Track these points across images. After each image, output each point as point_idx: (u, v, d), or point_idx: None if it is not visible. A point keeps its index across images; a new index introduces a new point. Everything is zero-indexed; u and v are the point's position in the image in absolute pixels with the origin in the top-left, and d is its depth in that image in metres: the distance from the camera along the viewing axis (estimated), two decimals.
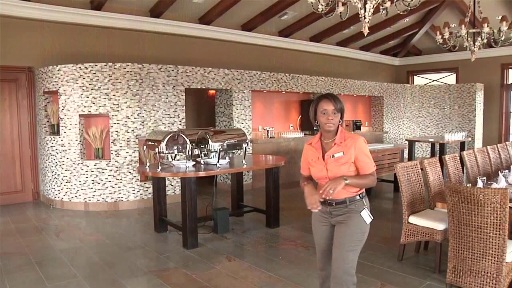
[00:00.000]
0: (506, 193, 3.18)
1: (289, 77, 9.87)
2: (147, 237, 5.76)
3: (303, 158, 3.07)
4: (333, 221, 2.95)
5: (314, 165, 2.93)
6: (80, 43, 7.99)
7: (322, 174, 2.89)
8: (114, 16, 8.21)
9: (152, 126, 7.53)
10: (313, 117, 2.90)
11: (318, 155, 2.91)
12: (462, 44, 7.35)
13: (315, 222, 3.06)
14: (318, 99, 2.86)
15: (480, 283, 3.39)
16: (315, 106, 2.86)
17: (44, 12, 7.54)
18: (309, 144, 2.99)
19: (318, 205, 2.77)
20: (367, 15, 4.50)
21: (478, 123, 12.42)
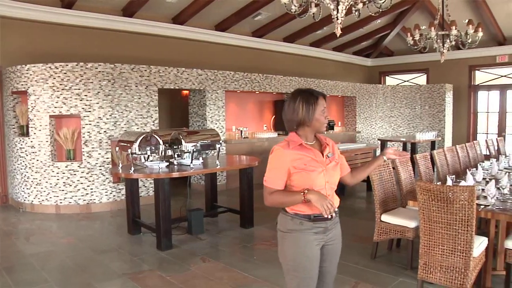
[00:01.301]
0: (473, 191, 3.28)
1: (262, 78, 9.91)
2: (121, 240, 5.69)
3: (279, 165, 2.44)
4: (327, 239, 2.51)
5: (311, 169, 2.41)
6: (50, 42, 7.83)
7: (321, 180, 2.44)
8: (86, 14, 8.07)
9: (124, 127, 7.44)
10: (309, 118, 2.45)
11: (312, 156, 2.44)
12: (432, 46, 7.52)
13: (307, 246, 2.44)
14: (313, 96, 2.46)
15: (449, 278, 3.48)
16: (314, 104, 2.45)
17: (11, 9, 7.36)
18: (296, 147, 2.44)
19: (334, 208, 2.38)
20: (340, 16, 4.55)
21: (447, 123, 12.73)
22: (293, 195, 2.40)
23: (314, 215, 2.42)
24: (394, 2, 5.47)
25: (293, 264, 2.45)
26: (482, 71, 13.16)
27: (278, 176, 2.44)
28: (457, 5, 10.04)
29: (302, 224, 2.43)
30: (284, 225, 2.49)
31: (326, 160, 2.49)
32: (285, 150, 2.44)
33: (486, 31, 10.67)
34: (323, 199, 2.31)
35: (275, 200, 2.44)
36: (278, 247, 2.54)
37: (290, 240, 2.45)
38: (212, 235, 5.86)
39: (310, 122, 2.46)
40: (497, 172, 5.27)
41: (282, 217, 2.52)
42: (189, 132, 6.01)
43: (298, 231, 2.43)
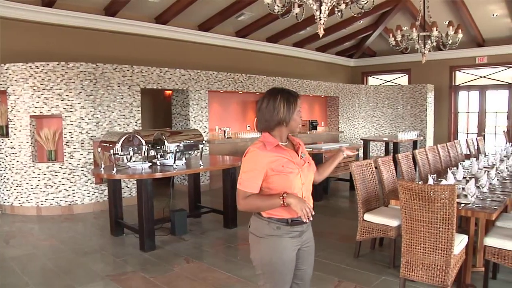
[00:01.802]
0: (454, 190, 3.33)
1: (246, 78, 9.91)
2: (104, 241, 5.64)
3: (256, 167, 2.32)
4: (302, 242, 2.47)
5: (288, 171, 2.34)
6: (30, 41, 7.71)
7: (297, 182, 2.38)
8: (67, 13, 7.96)
9: (107, 127, 7.37)
10: (288, 118, 2.38)
11: (288, 157, 2.37)
12: (413, 47, 7.62)
13: (284, 250, 2.37)
14: (293, 96, 2.40)
15: (431, 275, 3.53)
16: (294, 104, 2.39)
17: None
18: (273, 148, 2.35)
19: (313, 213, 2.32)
20: (323, 16, 4.58)
21: (429, 123, 12.90)
22: (271, 199, 2.30)
23: (292, 219, 2.36)
24: (376, 3, 5.53)
25: (269, 269, 2.38)
26: (462, 71, 13.38)
27: (254, 179, 2.32)
28: (438, 6, 10.19)
29: (279, 229, 2.35)
30: (259, 230, 2.40)
31: (301, 161, 2.44)
32: (262, 151, 2.33)
33: (466, 33, 10.84)
34: (302, 203, 2.26)
35: (251, 205, 2.33)
36: (251, 250, 2.46)
37: (267, 245, 2.37)
38: (196, 235, 5.84)
39: (288, 122, 2.39)
40: (477, 171, 5.35)
41: (256, 221, 2.42)
42: (172, 132, 5.98)
43: (275, 236, 2.36)
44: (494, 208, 3.70)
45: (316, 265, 2.66)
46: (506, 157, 6.69)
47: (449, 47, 7.49)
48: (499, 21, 11.23)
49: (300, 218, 2.32)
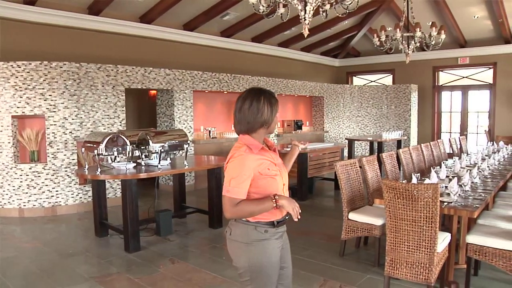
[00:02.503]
0: (437, 188, 3.37)
1: (231, 78, 9.90)
2: (88, 242, 5.59)
3: (246, 172, 2.24)
4: (283, 241, 2.47)
5: (274, 173, 2.33)
6: (12, 40, 7.58)
7: (280, 183, 2.37)
8: (50, 12, 7.85)
9: (91, 127, 7.31)
10: (272, 119, 2.36)
11: (271, 159, 2.36)
12: (397, 47, 7.71)
13: (273, 252, 2.35)
14: (274, 99, 2.37)
15: (414, 273, 3.57)
16: (276, 105, 2.36)
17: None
18: (259, 151, 2.31)
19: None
20: (307, 17, 4.60)
21: (413, 122, 13.04)
22: (264, 203, 2.24)
23: (277, 220, 2.34)
24: (361, 4, 5.57)
25: (258, 274, 2.32)
26: (445, 72, 13.57)
27: (243, 185, 2.23)
28: (421, 8, 10.33)
29: (267, 232, 2.31)
30: (246, 236, 2.31)
31: (280, 161, 2.44)
32: (250, 155, 2.26)
33: (449, 34, 11.00)
34: (293, 203, 2.25)
35: (243, 212, 2.24)
36: (235, 258, 2.39)
37: (256, 250, 2.30)
38: (181, 236, 5.83)
39: (270, 124, 2.35)
40: (459, 170, 5.42)
41: (241, 227, 2.33)
42: (156, 132, 5.95)
43: (264, 240, 2.31)
44: (476, 206, 3.76)
45: (301, 264, 2.66)
46: (488, 156, 6.79)
47: (432, 48, 7.61)
48: (480, 23, 11.43)
49: (284, 218, 2.36)
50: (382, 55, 12.70)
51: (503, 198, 5.34)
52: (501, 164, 6.50)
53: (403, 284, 3.96)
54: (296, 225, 6.02)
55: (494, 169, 5.93)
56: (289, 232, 2.59)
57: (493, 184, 4.84)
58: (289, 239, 2.58)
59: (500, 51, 12.23)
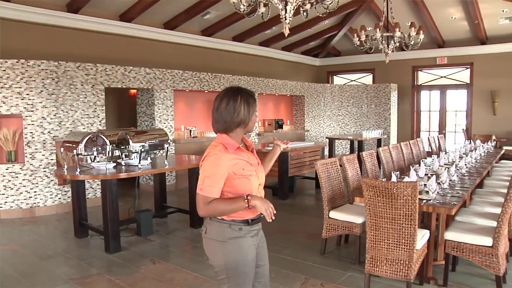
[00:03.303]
0: (416, 186, 3.42)
1: (211, 77, 9.88)
2: (67, 244, 5.52)
3: (220, 171, 2.26)
4: (259, 239, 2.48)
5: (249, 173, 2.33)
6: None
7: (255, 183, 2.38)
8: (27, 9, 7.69)
9: (70, 127, 7.21)
10: (249, 118, 2.37)
11: (247, 159, 2.36)
12: (377, 47, 7.79)
13: (248, 250, 2.37)
14: (253, 98, 2.38)
15: (394, 270, 3.62)
16: (253, 105, 2.37)
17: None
18: (235, 151, 2.32)
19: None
20: (288, 16, 4.62)
21: (393, 121, 13.20)
22: (236, 202, 2.24)
23: (252, 218, 2.36)
24: (341, 4, 5.61)
25: (235, 272, 2.33)
26: (424, 71, 13.77)
27: (216, 184, 2.25)
28: (401, 8, 10.46)
29: (241, 230, 2.33)
30: (221, 234, 2.33)
31: (256, 161, 2.44)
32: (225, 154, 2.27)
33: (427, 34, 11.18)
34: (266, 203, 2.24)
35: (215, 210, 2.26)
36: (211, 256, 2.40)
37: (231, 248, 2.32)
38: (162, 236, 5.79)
39: (247, 123, 2.37)
40: (438, 168, 5.52)
41: (216, 226, 2.35)
42: (137, 132, 5.91)
43: (239, 237, 2.33)
44: (454, 203, 3.83)
45: (282, 263, 2.65)
46: (465, 154, 6.92)
47: (411, 48, 7.71)
48: (457, 24, 11.64)
49: (259, 216, 2.38)
50: (362, 55, 12.82)
51: (480, 195, 5.45)
52: (478, 162, 6.63)
53: (383, 281, 4.01)
54: (277, 224, 6.04)
55: (471, 167, 6.05)
56: (270, 231, 2.60)
57: (470, 182, 4.93)
58: (270, 238, 2.59)
59: (476, 52, 12.48)
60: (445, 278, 3.95)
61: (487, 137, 9.95)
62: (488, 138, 9.82)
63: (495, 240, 3.63)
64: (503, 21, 11.05)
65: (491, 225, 4.01)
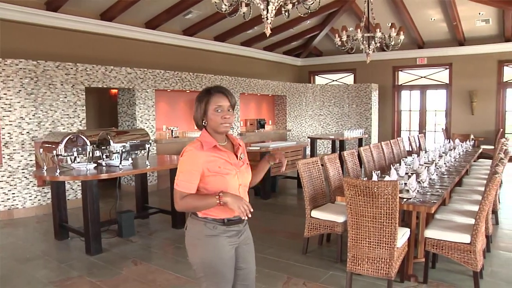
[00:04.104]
0: (396, 185, 3.47)
1: (193, 76, 9.85)
2: (47, 246, 5.44)
3: (193, 168, 2.30)
4: (241, 240, 2.45)
5: (225, 172, 2.33)
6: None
7: (234, 183, 2.37)
8: (5, 6, 7.49)
9: (49, 127, 7.10)
10: (201, 117, 2.39)
11: (226, 158, 2.36)
12: (358, 47, 7.86)
13: (222, 249, 2.35)
14: (208, 94, 2.36)
15: (376, 268, 3.66)
16: (205, 102, 2.36)
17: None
18: (210, 149, 2.34)
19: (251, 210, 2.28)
20: (270, 16, 4.63)
21: (374, 121, 13.33)
22: (207, 198, 2.27)
23: (228, 218, 2.36)
24: (323, 4, 5.65)
25: (210, 270, 2.35)
26: (404, 72, 13.94)
27: (190, 179, 2.30)
28: (381, 9, 10.58)
29: (216, 229, 2.34)
30: (196, 231, 2.37)
31: (239, 162, 2.42)
32: (199, 151, 2.31)
33: (407, 35, 11.31)
34: (239, 201, 2.23)
35: (188, 205, 2.30)
36: (189, 253, 2.42)
37: (206, 246, 2.34)
38: (144, 237, 5.75)
39: (206, 121, 2.39)
40: (418, 167, 5.60)
41: (193, 223, 2.40)
42: (118, 132, 5.86)
43: (213, 236, 2.34)
44: (434, 202, 3.88)
45: (265, 263, 2.65)
46: (445, 153, 7.03)
47: (392, 48, 7.81)
48: (436, 25, 11.82)
49: (236, 217, 2.36)
50: (344, 55, 12.90)
51: (459, 194, 5.54)
52: (457, 160, 6.74)
53: (365, 279, 4.05)
54: (259, 223, 6.06)
55: (450, 165, 6.15)
56: (252, 231, 2.60)
57: (449, 180, 5.01)
58: (253, 237, 2.58)
59: (455, 53, 12.69)
60: (425, 275, 4.01)
61: (465, 137, 10.12)
62: (467, 137, 9.99)
63: (473, 237, 3.70)
64: (480, 23, 11.29)
65: (469, 223, 4.08)
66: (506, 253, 4.88)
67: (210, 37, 11.68)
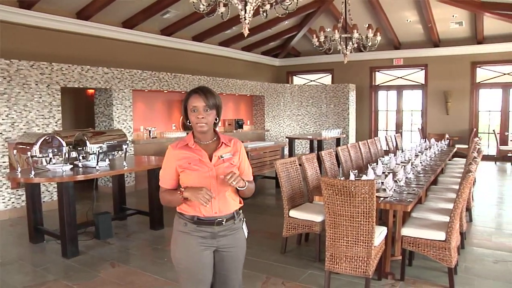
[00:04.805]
0: (373, 184, 3.50)
1: (171, 77, 9.78)
2: (22, 250, 5.32)
3: (167, 165, 2.46)
4: (219, 245, 2.44)
5: (194, 168, 2.37)
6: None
7: (206, 180, 2.37)
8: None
9: (24, 128, 6.96)
10: (184, 116, 2.44)
11: (199, 157, 2.39)
12: (336, 48, 7.93)
13: (190, 247, 2.38)
14: (188, 94, 2.41)
15: (353, 267, 3.69)
16: (185, 103, 2.40)
17: None
18: (182, 147, 2.42)
19: (213, 196, 2.30)
20: (248, 16, 4.62)
21: (351, 121, 13.45)
22: (173, 194, 2.42)
23: (197, 217, 2.38)
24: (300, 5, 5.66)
25: (181, 266, 2.42)
26: (381, 72, 14.12)
27: (166, 175, 2.48)
28: (359, 10, 10.69)
29: (186, 226, 2.40)
30: (174, 225, 2.49)
31: (218, 160, 2.41)
32: (173, 150, 2.46)
33: (384, 36, 11.46)
34: (197, 191, 2.25)
35: (164, 199, 2.49)
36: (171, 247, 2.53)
37: (178, 241, 2.43)
38: (121, 238, 5.69)
39: (189, 122, 2.42)
40: (395, 166, 5.67)
41: (174, 217, 2.51)
42: (94, 133, 5.78)
43: (184, 232, 2.40)
44: (410, 200, 3.95)
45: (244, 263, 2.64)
46: (421, 153, 7.14)
47: (369, 49, 7.89)
48: (412, 26, 12.02)
49: (207, 218, 2.38)
50: (321, 55, 13.01)
51: (434, 192, 5.64)
52: (433, 160, 6.87)
53: (343, 278, 4.09)
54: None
55: (426, 164, 6.25)
56: None
57: (425, 179, 5.10)
58: None
59: (430, 54, 12.92)
60: (402, 273, 4.07)
61: (441, 136, 10.31)
62: (442, 137, 10.17)
63: (448, 234, 3.77)
64: (454, 26, 11.54)
65: (444, 220, 4.16)
66: (479, 249, 4.99)
67: (188, 37, 11.63)
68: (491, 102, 12.63)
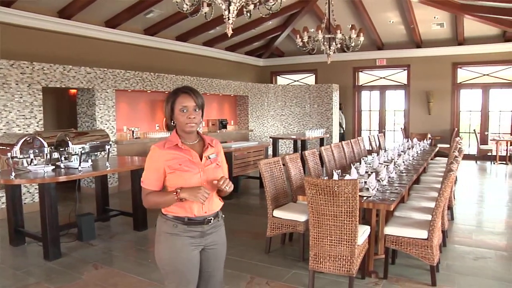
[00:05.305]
0: (356, 184, 3.53)
1: (154, 77, 9.72)
2: (2, 253, 5.22)
3: (153, 165, 2.39)
4: (207, 243, 2.46)
5: (185, 169, 2.35)
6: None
7: (196, 181, 2.36)
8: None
9: (4, 128, 6.85)
10: (169, 117, 2.41)
11: (189, 157, 2.38)
12: (319, 48, 7.97)
13: (180, 248, 2.37)
14: (175, 94, 2.38)
15: (337, 266, 3.71)
16: (172, 102, 2.38)
17: None
18: (171, 147, 2.38)
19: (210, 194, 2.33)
20: (231, 16, 4.62)
21: (335, 121, 13.51)
22: (166, 195, 2.35)
23: (188, 218, 2.38)
24: (284, 5, 5.68)
25: (169, 268, 2.40)
26: (364, 72, 14.24)
27: (152, 177, 2.39)
28: (342, 11, 10.76)
29: (176, 227, 2.38)
30: (159, 228, 2.44)
31: (206, 161, 2.43)
32: (160, 150, 2.38)
33: (367, 36, 11.57)
34: (195, 191, 2.26)
35: (150, 202, 2.40)
36: (155, 249, 2.47)
37: (165, 243, 2.39)
38: (105, 240, 5.63)
39: (175, 121, 2.41)
40: (378, 166, 5.72)
41: (158, 219, 2.46)
42: (76, 133, 5.72)
43: (173, 234, 2.37)
44: (393, 199, 3.99)
45: (228, 263, 2.64)
46: (403, 152, 7.21)
47: (352, 49, 7.96)
48: (395, 27, 12.16)
49: (197, 218, 2.39)
50: (305, 56, 13.02)
51: (417, 191, 5.71)
52: (415, 159, 6.95)
53: (327, 277, 4.11)
54: None
55: (408, 164, 6.32)
56: None
57: (407, 178, 5.16)
58: None
59: (412, 55, 13.09)
60: (385, 271, 4.11)
61: (423, 136, 10.44)
62: (424, 136, 10.31)
63: (430, 232, 3.82)
64: (435, 27, 11.69)
65: (426, 219, 4.21)
66: (460, 247, 5.07)
67: (172, 37, 11.57)
68: (471, 103, 12.85)
